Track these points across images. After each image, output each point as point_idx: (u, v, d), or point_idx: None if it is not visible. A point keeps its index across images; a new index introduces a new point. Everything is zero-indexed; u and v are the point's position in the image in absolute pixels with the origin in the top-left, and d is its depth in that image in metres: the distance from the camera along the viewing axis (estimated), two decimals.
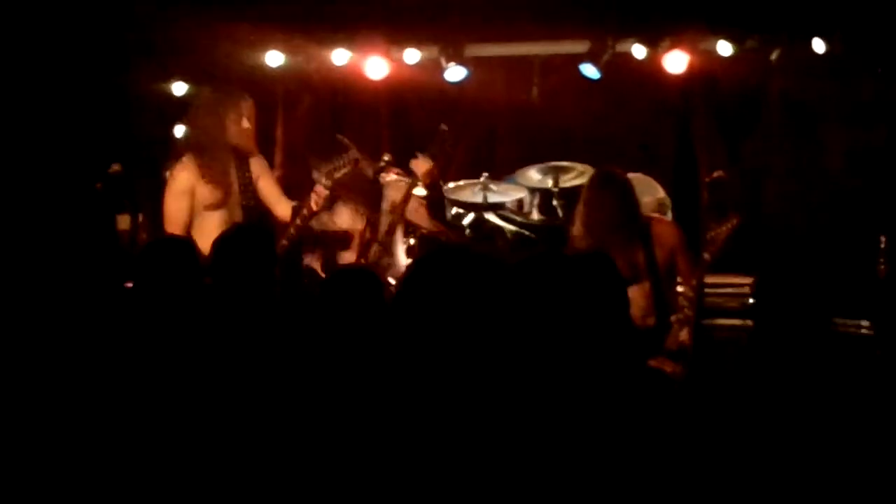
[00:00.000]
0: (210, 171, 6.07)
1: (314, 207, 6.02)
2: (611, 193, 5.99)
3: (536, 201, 7.73)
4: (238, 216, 6.12)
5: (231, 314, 4.25)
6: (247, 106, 6.24)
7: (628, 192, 6.02)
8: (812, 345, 3.52)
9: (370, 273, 4.30)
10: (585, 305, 3.51)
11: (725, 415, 3.42)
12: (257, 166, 6.33)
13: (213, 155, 6.08)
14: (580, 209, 6.06)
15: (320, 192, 5.98)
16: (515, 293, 3.35)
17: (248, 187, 6.15)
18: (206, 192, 6.08)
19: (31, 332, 4.39)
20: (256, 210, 6.26)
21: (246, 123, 6.17)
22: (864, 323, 6.11)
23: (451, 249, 3.63)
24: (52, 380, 3.99)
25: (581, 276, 3.60)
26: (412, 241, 6.67)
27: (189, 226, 6.11)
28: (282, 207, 6.34)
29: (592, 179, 6.22)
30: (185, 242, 4.94)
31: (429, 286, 3.19)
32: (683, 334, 5.59)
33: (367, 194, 6.70)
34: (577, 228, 6.03)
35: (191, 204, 6.09)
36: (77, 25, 7.69)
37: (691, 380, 4.93)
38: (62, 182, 7.55)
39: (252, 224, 5.83)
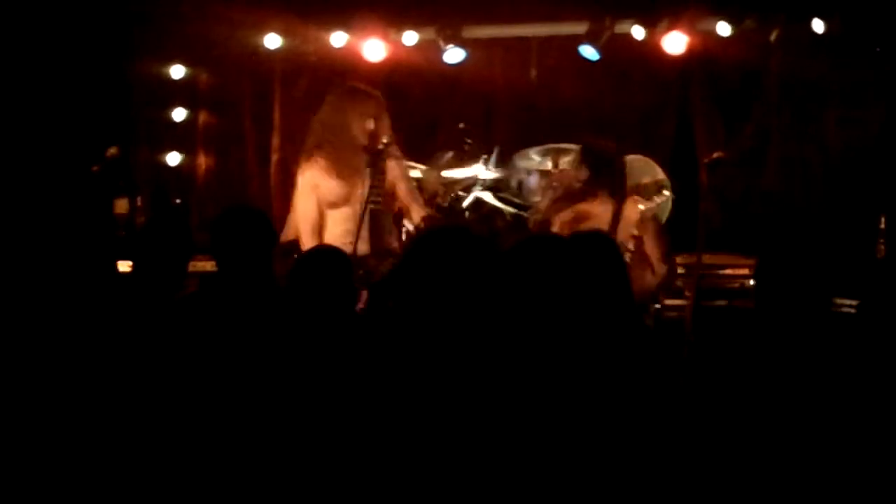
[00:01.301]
0: (334, 167, 6.03)
1: None
2: (584, 165, 6.29)
3: (536, 183, 7.73)
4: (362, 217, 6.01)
5: (228, 295, 4.24)
6: (372, 105, 6.13)
7: (601, 165, 6.16)
8: (812, 325, 3.52)
9: (340, 253, 4.29)
10: (587, 285, 3.51)
11: (727, 395, 3.43)
12: (395, 168, 6.25)
13: (337, 152, 6.03)
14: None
15: None
16: (518, 273, 3.35)
17: (378, 188, 6.04)
18: (327, 189, 6.05)
19: (26, 316, 4.39)
20: (384, 212, 6.14)
21: (371, 124, 6.06)
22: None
23: (450, 229, 3.62)
24: (45, 363, 3.98)
25: (583, 256, 3.61)
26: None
27: (316, 222, 6.07)
28: (414, 213, 6.28)
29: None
30: (180, 223, 4.92)
31: (428, 264, 3.19)
32: None
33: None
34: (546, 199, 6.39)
35: (317, 200, 6.06)
36: (76, 7, 7.67)
37: (693, 361, 4.93)
38: (59, 165, 7.54)
39: (248, 206, 5.73)
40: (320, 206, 6.10)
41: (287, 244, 6.00)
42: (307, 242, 6.01)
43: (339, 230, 6.03)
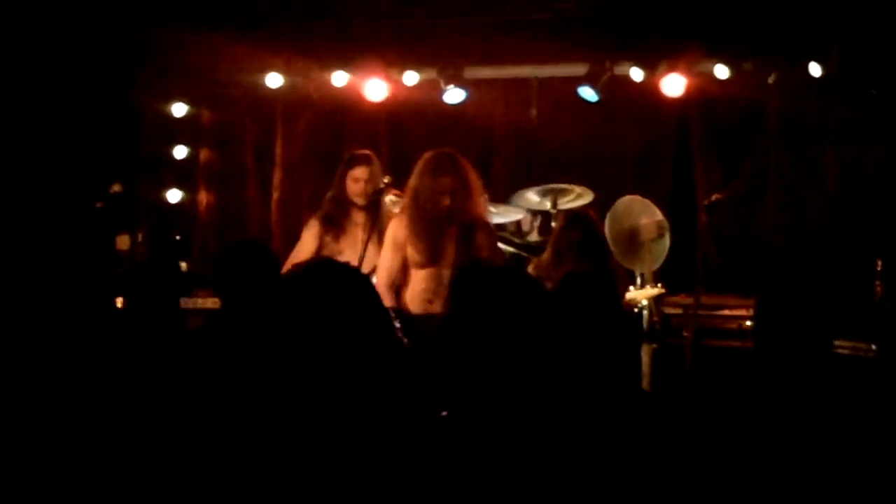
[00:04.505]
0: (417, 232, 6.07)
1: None
2: (576, 231, 6.18)
3: (535, 223, 7.77)
4: (447, 279, 6.03)
5: (233, 331, 4.25)
6: (447, 182, 6.12)
7: (592, 232, 6.19)
8: (812, 366, 3.54)
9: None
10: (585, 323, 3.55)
11: (725, 436, 3.44)
12: (485, 237, 6.26)
13: (420, 220, 6.06)
14: (550, 240, 6.31)
15: None
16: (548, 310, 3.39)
17: (469, 258, 6.07)
18: (412, 250, 6.09)
19: (28, 346, 4.40)
20: None
21: (446, 200, 6.09)
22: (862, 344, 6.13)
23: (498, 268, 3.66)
24: (46, 393, 3.99)
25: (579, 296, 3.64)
26: None
27: (397, 278, 6.08)
28: None
29: (564, 216, 6.45)
30: (173, 261, 4.96)
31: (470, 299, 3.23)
32: None
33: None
34: (545, 256, 6.25)
35: (402, 257, 6.09)
36: (80, 46, 7.72)
37: (691, 401, 4.95)
38: (63, 201, 7.57)
39: (252, 241, 5.77)
40: (407, 263, 6.14)
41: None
42: (379, 292, 6.05)
43: (418, 289, 6.06)
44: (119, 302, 5.95)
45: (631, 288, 6.29)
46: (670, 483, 3.18)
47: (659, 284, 6.37)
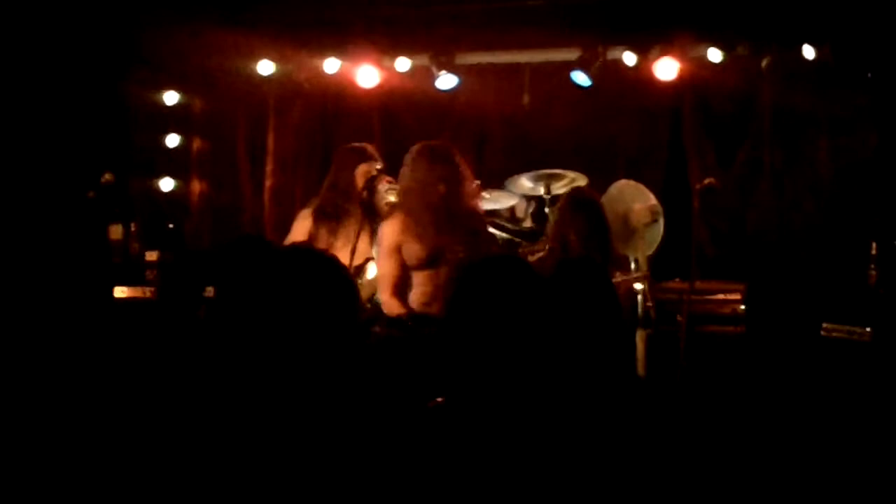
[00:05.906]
0: (414, 229, 5.99)
1: None
2: (583, 215, 6.17)
3: (529, 209, 7.75)
4: (444, 279, 5.97)
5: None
6: (441, 170, 6.03)
7: (597, 220, 6.17)
8: (802, 350, 3.55)
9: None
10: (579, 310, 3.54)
11: (718, 419, 3.44)
12: (480, 226, 6.19)
13: (417, 214, 5.99)
14: (552, 227, 6.28)
15: None
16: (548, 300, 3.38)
17: (474, 250, 5.99)
18: (411, 251, 6.01)
19: (22, 338, 4.39)
20: None
21: (442, 188, 6.01)
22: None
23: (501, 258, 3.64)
24: (39, 385, 3.99)
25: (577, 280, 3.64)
26: None
27: (401, 282, 6.02)
28: None
29: (566, 199, 6.38)
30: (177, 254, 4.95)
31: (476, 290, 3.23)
32: None
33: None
34: (551, 243, 6.21)
35: (400, 261, 6.01)
36: (71, 35, 7.69)
37: (684, 385, 4.95)
38: (54, 191, 7.55)
39: (253, 235, 5.74)
40: (407, 266, 6.06)
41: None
42: (387, 301, 6.04)
43: (420, 290, 6.03)
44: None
45: (617, 273, 6.27)
46: (665, 467, 3.18)
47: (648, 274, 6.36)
